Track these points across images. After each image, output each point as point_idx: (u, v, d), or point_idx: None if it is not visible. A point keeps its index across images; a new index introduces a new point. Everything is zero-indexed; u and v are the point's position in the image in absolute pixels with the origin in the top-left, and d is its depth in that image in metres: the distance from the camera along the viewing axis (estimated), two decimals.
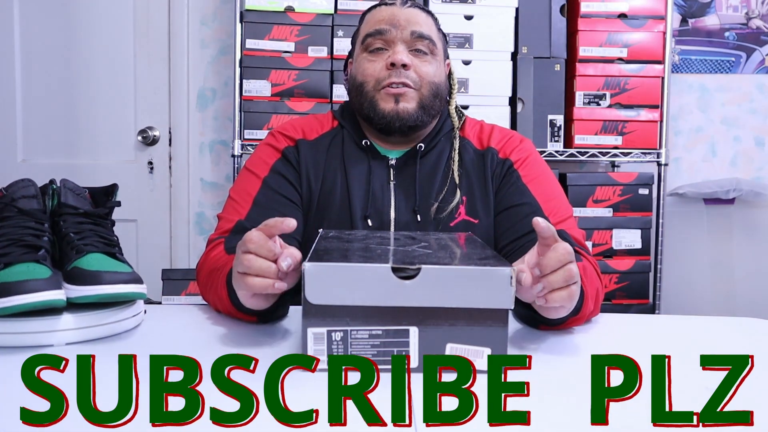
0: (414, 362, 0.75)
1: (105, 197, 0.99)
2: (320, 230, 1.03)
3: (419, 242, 0.91)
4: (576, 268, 0.79)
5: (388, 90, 1.15)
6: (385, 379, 0.73)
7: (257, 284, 0.80)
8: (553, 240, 0.79)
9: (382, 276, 0.73)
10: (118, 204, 0.97)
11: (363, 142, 1.20)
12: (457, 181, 1.17)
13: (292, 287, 0.83)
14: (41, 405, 0.64)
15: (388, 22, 1.17)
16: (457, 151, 1.19)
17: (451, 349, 0.75)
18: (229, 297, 0.93)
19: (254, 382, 0.66)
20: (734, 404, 0.68)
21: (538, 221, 0.79)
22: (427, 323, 0.74)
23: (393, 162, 1.19)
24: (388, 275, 0.73)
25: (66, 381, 0.71)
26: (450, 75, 1.26)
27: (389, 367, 0.74)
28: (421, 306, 0.74)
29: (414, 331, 0.74)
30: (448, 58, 1.26)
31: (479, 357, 0.75)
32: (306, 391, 0.69)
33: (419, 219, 1.16)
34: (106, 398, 0.66)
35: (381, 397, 0.67)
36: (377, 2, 1.23)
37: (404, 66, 1.14)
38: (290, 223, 0.79)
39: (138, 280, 0.88)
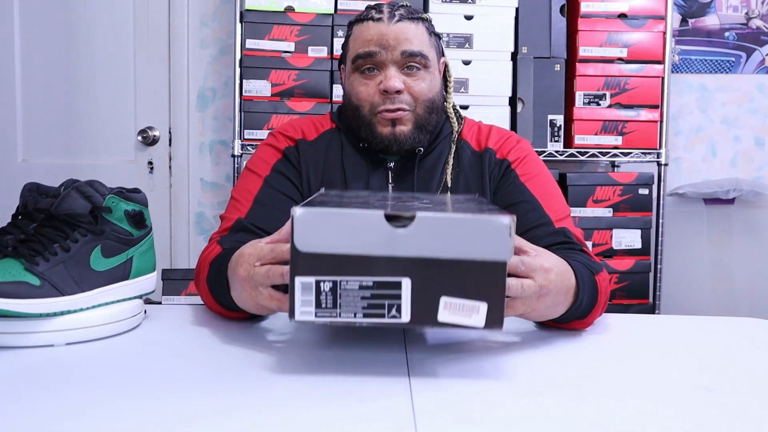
0: (406, 316, 0.70)
1: None
2: (322, 189, 0.99)
3: (421, 200, 0.88)
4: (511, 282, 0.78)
5: (384, 115, 1.15)
6: (383, 384, 0.73)
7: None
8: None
9: (374, 223, 0.69)
10: (106, 210, 0.88)
11: (361, 145, 1.20)
12: (449, 185, 1.18)
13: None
14: (41, 405, 0.64)
15: (377, 43, 1.14)
16: (452, 155, 1.20)
17: (446, 303, 0.71)
18: (222, 293, 0.94)
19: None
20: (735, 405, 0.68)
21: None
22: (420, 275, 0.70)
23: (391, 165, 1.20)
24: (381, 223, 0.69)
25: (68, 381, 0.71)
26: (446, 71, 1.25)
27: (380, 321, 0.70)
28: (415, 256, 0.70)
29: (407, 283, 0.70)
30: (443, 55, 1.24)
31: (475, 312, 0.71)
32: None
33: None
34: (106, 398, 0.66)
35: (380, 400, 0.67)
36: (365, 12, 1.18)
37: (397, 91, 1.13)
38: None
39: (16, 295, 0.80)
